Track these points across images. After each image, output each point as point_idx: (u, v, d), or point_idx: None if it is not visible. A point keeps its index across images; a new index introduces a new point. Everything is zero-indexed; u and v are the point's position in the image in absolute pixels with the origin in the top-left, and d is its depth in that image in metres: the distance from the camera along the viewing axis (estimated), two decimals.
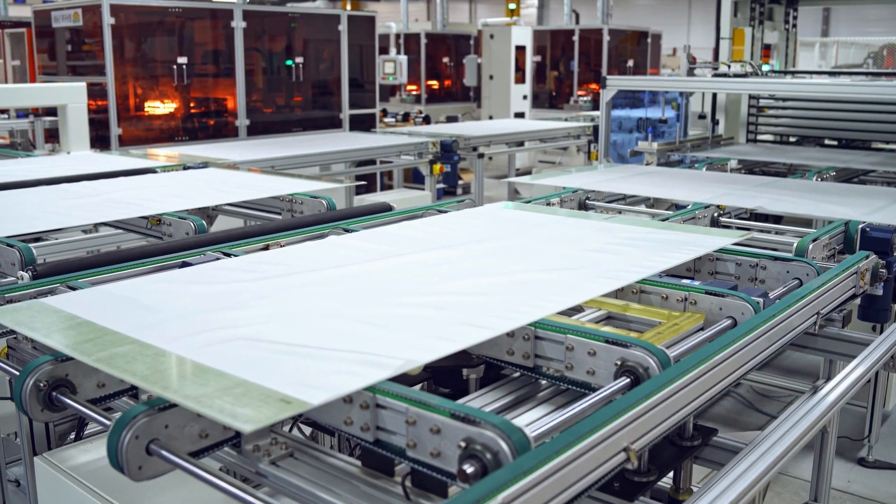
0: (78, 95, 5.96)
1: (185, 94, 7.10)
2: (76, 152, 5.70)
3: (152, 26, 6.86)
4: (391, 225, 2.73)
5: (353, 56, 8.41)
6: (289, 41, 7.92)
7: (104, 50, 6.31)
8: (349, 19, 8.20)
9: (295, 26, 7.94)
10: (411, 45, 14.59)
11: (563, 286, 1.91)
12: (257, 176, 3.95)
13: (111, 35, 6.31)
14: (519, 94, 12.09)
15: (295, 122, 8.08)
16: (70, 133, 5.98)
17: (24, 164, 4.55)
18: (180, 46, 6.99)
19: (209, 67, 7.34)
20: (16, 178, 3.73)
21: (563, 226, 2.62)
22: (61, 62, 7.09)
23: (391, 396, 1.31)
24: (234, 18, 7.14)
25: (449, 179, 6.54)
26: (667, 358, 1.49)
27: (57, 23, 6.73)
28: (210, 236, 2.66)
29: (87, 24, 6.49)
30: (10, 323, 1.69)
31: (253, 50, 7.51)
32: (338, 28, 8.11)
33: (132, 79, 6.72)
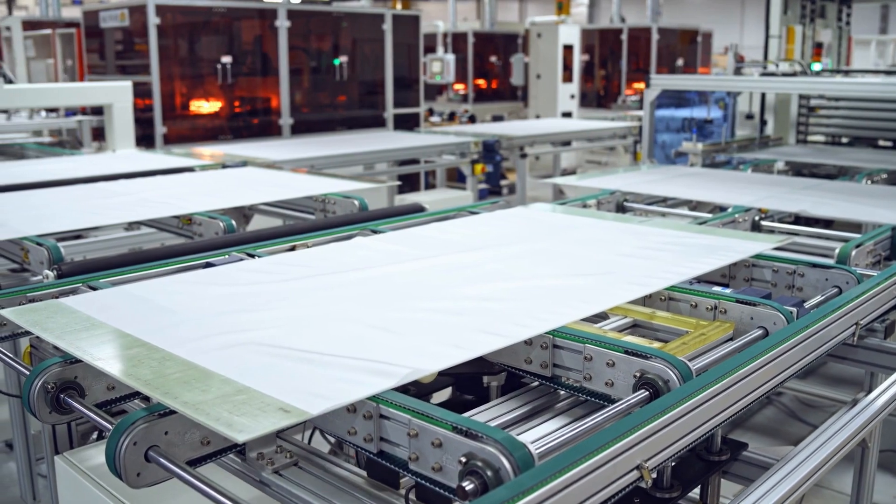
0: (123, 95, 6.04)
1: (230, 93, 7.15)
2: (121, 151, 5.78)
3: (197, 26, 6.92)
4: (420, 226, 2.69)
5: (397, 55, 8.39)
6: (333, 40, 7.93)
7: (149, 50, 6.38)
8: (394, 18, 8.19)
9: (341, 25, 7.95)
10: (459, 44, 14.55)
11: (587, 292, 1.84)
12: (292, 175, 3.94)
13: (156, 35, 6.38)
14: (566, 94, 11.96)
15: (339, 121, 8.09)
16: (115, 132, 6.05)
17: (66, 162, 4.61)
18: (225, 46, 7.04)
19: (253, 66, 7.39)
20: (56, 176, 3.78)
21: (596, 229, 2.55)
22: (109, 62, 7.19)
23: (394, 407, 1.27)
24: (278, 18, 7.17)
25: (491, 179, 6.49)
26: (688, 370, 1.42)
27: (105, 23, 6.83)
28: (236, 237, 2.64)
29: (134, 24, 6.57)
30: (24, 323, 1.68)
31: (297, 49, 7.53)
32: (382, 27, 8.10)
33: (177, 78, 6.79)
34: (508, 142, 6.48)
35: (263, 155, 5.08)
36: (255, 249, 2.36)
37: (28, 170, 4.13)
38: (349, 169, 6.13)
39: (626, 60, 12.35)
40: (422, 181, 9.14)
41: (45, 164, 4.48)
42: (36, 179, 3.66)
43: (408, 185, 9.11)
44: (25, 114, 6.33)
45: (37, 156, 5.44)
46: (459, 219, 2.81)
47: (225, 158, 4.61)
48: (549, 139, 7.28)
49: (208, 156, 4.82)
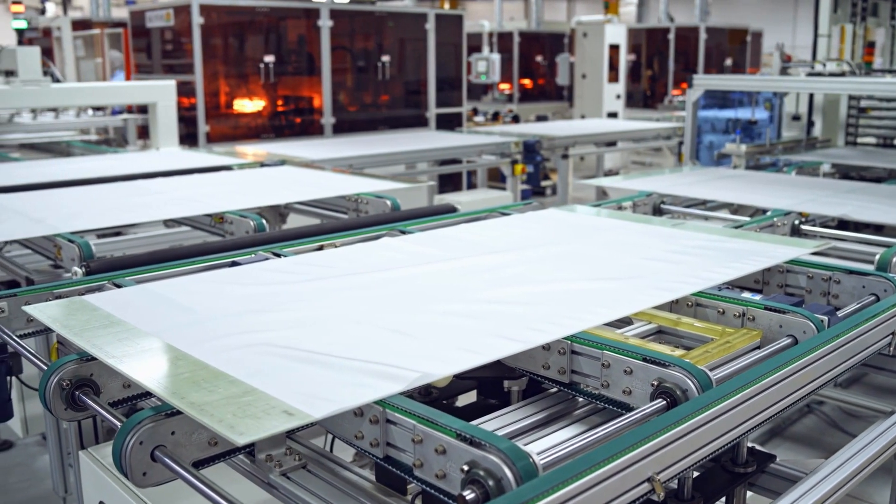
0: (167, 94, 6.11)
1: (272, 92, 7.21)
2: (164, 149, 5.85)
3: (240, 25, 6.98)
4: (449, 227, 2.67)
5: (440, 54, 8.38)
6: (376, 39, 7.95)
7: (193, 49, 6.45)
8: (437, 18, 8.17)
9: (383, 25, 7.97)
10: (505, 43, 14.50)
11: (610, 297, 1.80)
12: (327, 175, 3.95)
13: (200, 34, 6.45)
14: (612, 94, 11.84)
15: (381, 120, 8.10)
16: (159, 130, 6.14)
17: (108, 160, 4.68)
18: (267, 45, 7.10)
19: (296, 66, 7.43)
20: (97, 174, 3.83)
21: (626, 232, 2.50)
22: (156, 61, 7.29)
23: (400, 412, 1.24)
24: (320, 17, 7.20)
25: (532, 180, 6.43)
26: (707, 380, 1.37)
27: (151, 23, 6.93)
28: (264, 236, 2.65)
29: (179, 23, 6.65)
30: (45, 319, 1.70)
31: (340, 48, 7.56)
32: (425, 26, 8.10)
33: (220, 77, 6.86)
34: (550, 142, 6.42)
35: (304, 154, 5.10)
36: (282, 249, 2.36)
37: (70, 168, 4.19)
38: (390, 168, 6.13)
39: (674, 60, 12.18)
40: (464, 181, 9.11)
41: (88, 162, 4.55)
42: (77, 177, 3.72)
43: (450, 185, 9.09)
44: (73, 112, 6.45)
45: (82, 153, 5.54)
46: (490, 220, 2.78)
47: (264, 157, 4.64)
48: (592, 140, 7.20)
49: (250, 154, 4.86)
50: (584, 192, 10.82)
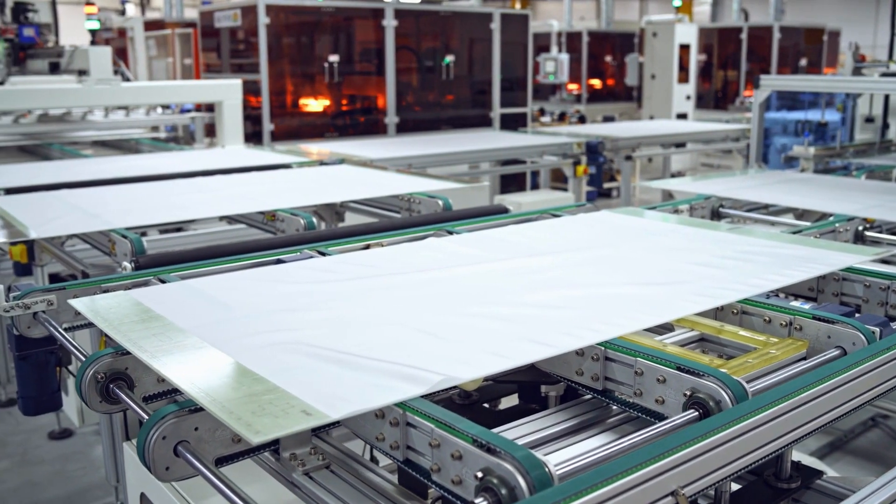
0: (233, 92, 6.22)
1: (336, 91, 7.27)
2: (229, 147, 5.96)
3: (305, 25, 7.07)
4: (496, 228, 2.64)
5: (505, 54, 8.34)
6: (441, 39, 7.96)
7: (259, 48, 6.55)
8: (502, 17, 8.14)
9: (448, 25, 7.97)
10: (574, 43, 14.38)
11: (651, 302, 1.75)
12: (383, 174, 3.96)
13: (266, 34, 6.55)
14: (682, 95, 11.62)
15: (445, 120, 8.11)
16: (225, 128, 6.25)
17: (172, 157, 4.79)
18: (332, 45, 7.17)
19: (360, 65, 7.49)
20: (160, 171, 3.92)
21: (678, 236, 2.44)
22: (224, 60, 7.43)
23: (419, 415, 1.23)
24: (385, 17, 7.24)
25: (594, 181, 6.35)
26: (742, 391, 1.32)
27: (219, 23, 7.06)
28: (312, 234, 2.66)
29: (245, 23, 6.76)
30: (87, 312, 1.73)
31: (404, 48, 7.59)
32: (490, 26, 8.07)
33: (285, 76, 6.95)
34: (613, 143, 6.33)
35: (366, 153, 5.14)
36: (328, 248, 2.36)
37: (134, 164, 4.30)
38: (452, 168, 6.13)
39: (746, 60, 11.89)
40: (527, 182, 9.06)
41: (152, 159, 4.66)
42: (139, 174, 3.80)
43: (514, 185, 9.06)
44: (143, 110, 6.61)
45: (149, 151, 5.68)
46: (539, 222, 2.75)
47: (325, 156, 4.68)
48: (658, 141, 7.07)
49: (314, 153, 4.90)
50: (651, 194, 10.64)
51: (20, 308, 1.93)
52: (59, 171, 4.05)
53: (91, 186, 3.46)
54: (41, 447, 3.81)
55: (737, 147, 7.60)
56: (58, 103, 5.47)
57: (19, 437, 3.87)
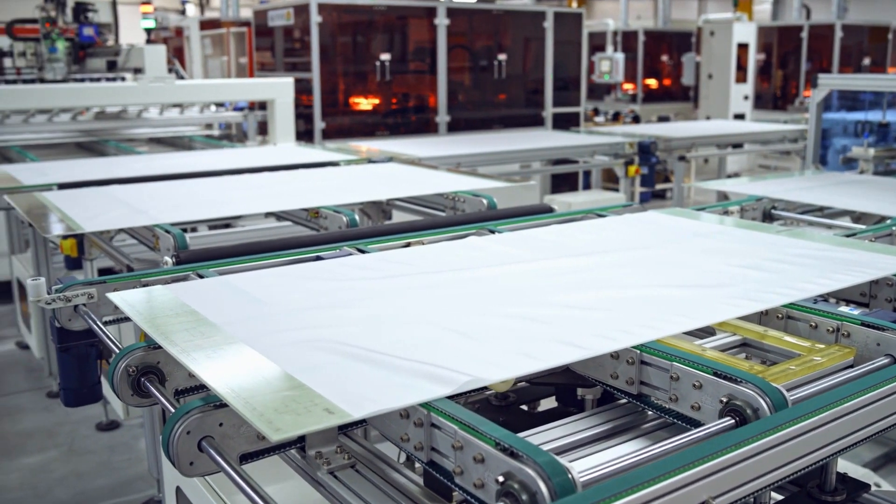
0: (285, 91, 6.28)
1: (388, 89, 7.29)
2: (280, 145, 6.01)
3: (357, 24, 7.09)
4: (539, 228, 2.60)
5: (558, 53, 8.27)
6: (493, 38, 7.92)
7: (311, 47, 6.59)
8: (556, 16, 8.07)
9: (501, 23, 7.93)
10: (629, 42, 14.21)
11: (692, 305, 1.70)
12: (430, 172, 3.95)
13: (318, 33, 6.58)
14: (739, 95, 11.39)
15: (496, 119, 8.07)
16: (277, 126, 6.31)
17: (222, 154, 4.84)
18: (384, 43, 7.18)
19: (412, 64, 7.49)
20: (209, 167, 3.96)
21: (725, 237, 2.37)
22: (278, 59, 7.50)
23: (444, 416, 1.20)
24: (437, 15, 7.23)
25: (646, 182, 6.26)
26: (782, 399, 1.27)
27: (272, 22, 7.13)
28: (353, 231, 2.66)
29: (298, 22, 6.81)
30: (123, 305, 1.74)
31: (456, 47, 7.57)
32: (543, 25, 8.01)
33: (337, 75, 6.99)
34: (666, 143, 6.22)
35: (415, 151, 5.13)
36: (367, 245, 2.35)
37: (184, 161, 4.36)
38: (503, 167, 6.10)
39: (807, 60, 11.61)
40: (579, 181, 8.98)
41: (203, 156, 4.72)
42: (188, 170, 3.85)
43: (567, 185, 8.98)
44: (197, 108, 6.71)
45: (202, 148, 5.75)
46: (583, 222, 2.70)
47: (373, 154, 4.69)
48: (713, 142, 6.93)
49: (364, 151, 4.91)
50: (707, 196, 10.45)
51: (61, 301, 1.96)
52: (111, 167, 4.12)
53: (141, 182, 3.51)
54: (88, 438, 3.88)
55: (795, 148, 7.41)
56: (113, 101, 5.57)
57: (68, 428, 3.95)
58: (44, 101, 5.33)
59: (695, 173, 10.68)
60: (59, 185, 3.51)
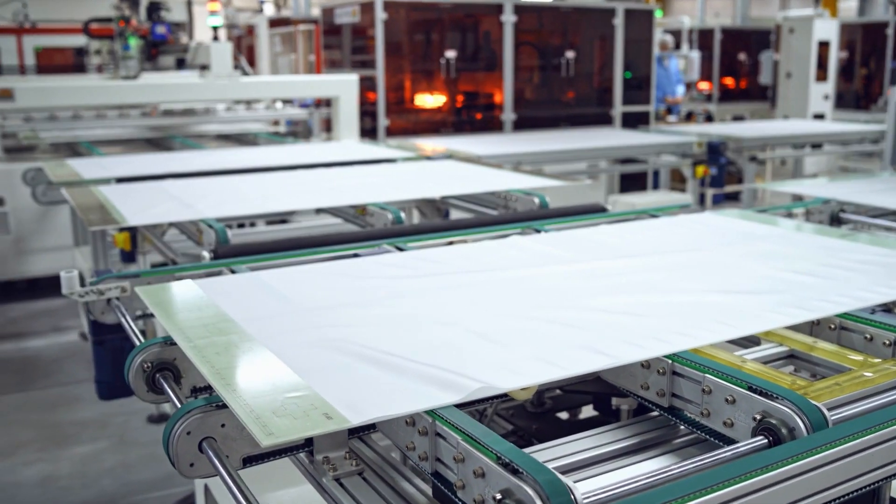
0: (349, 88, 6.29)
1: (453, 87, 7.23)
2: (342, 142, 6.02)
3: (423, 21, 7.05)
4: (586, 228, 2.51)
5: (628, 51, 8.09)
6: (561, 35, 7.79)
7: (375, 44, 6.58)
8: (626, 13, 7.89)
9: (569, 20, 7.79)
10: (706, 40, 13.84)
11: (736, 313, 1.59)
12: (486, 170, 3.88)
13: (383, 30, 6.57)
14: (819, 94, 10.96)
15: (564, 118, 7.94)
16: (341, 123, 6.33)
17: (282, 150, 4.85)
18: (449, 40, 7.13)
19: (477, 61, 7.42)
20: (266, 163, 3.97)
21: (783, 241, 2.24)
22: (345, 57, 7.52)
23: (448, 426, 1.13)
24: (504, 12, 7.14)
25: (714, 183, 6.05)
26: (821, 419, 1.16)
27: (339, 19, 7.15)
28: (395, 229, 2.61)
29: (364, 20, 6.81)
30: (147, 300, 1.72)
31: (523, 44, 7.47)
32: (613, 22, 7.84)
33: (401, 72, 6.96)
34: (737, 143, 6.01)
35: (478, 149, 5.07)
36: (407, 243, 2.30)
37: (243, 157, 4.38)
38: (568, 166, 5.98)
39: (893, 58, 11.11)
40: (648, 181, 8.77)
41: (263, 152, 4.74)
42: (246, 166, 3.86)
43: (636, 184, 8.79)
44: (263, 105, 6.77)
45: (264, 144, 5.79)
46: (635, 222, 2.60)
47: (434, 151, 4.64)
48: (787, 142, 6.68)
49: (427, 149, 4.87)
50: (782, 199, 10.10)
51: (94, 294, 1.95)
52: (169, 162, 4.17)
53: (194, 178, 3.53)
54: (139, 430, 3.93)
55: (876, 150, 7.09)
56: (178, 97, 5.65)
57: (120, 419, 4.01)
58: (112, 97, 5.43)
59: (771, 175, 10.34)
60: (117, 179, 3.56)
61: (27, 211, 5.37)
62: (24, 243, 5.49)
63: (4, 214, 5.39)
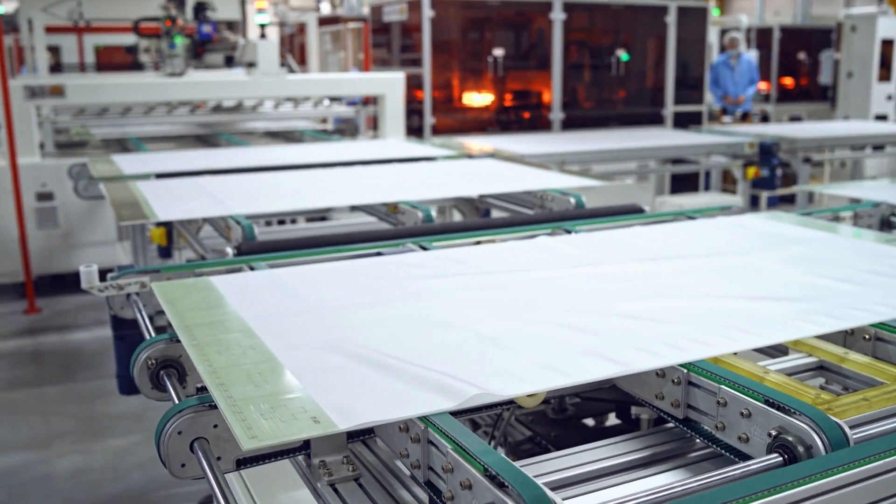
0: (395, 86, 6.26)
1: (500, 85, 7.16)
2: (387, 140, 6.00)
3: (471, 19, 7.00)
4: (619, 230, 2.43)
5: (681, 49, 7.92)
6: (611, 34, 7.66)
7: (422, 42, 6.55)
8: (678, 11, 7.73)
9: (620, 18, 7.67)
10: (764, 39, 13.53)
11: (761, 320, 1.51)
12: (526, 169, 3.81)
13: (430, 28, 6.53)
14: (882, 94, 10.62)
15: (614, 117, 7.81)
16: (387, 121, 6.31)
17: (325, 147, 4.84)
18: (497, 39, 7.06)
19: (526, 60, 7.34)
20: (306, 160, 3.96)
21: (825, 245, 2.13)
22: (394, 55, 7.51)
23: (440, 433, 1.08)
24: (553, 10, 7.05)
25: (765, 184, 5.88)
26: (841, 437, 1.08)
27: (387, 17, 7.14)
28: (422, 227, 2.56)
29: (411, 18, 6.78)
30: (160, 296, 1.71)
31: (572, 43, 7.37)
32: (665, 20, 7.69)
33: (448, 70, 6.92)
34: (791, 144, 5.83)
35: (524, 149, 5.01)
36: (431, 242, 2.25)
37: (285, 154, 4.38)
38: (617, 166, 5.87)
39: None
40: (700, 183, 8.58)
41: (305, 150, 4.74)
42: (286, 163, 3.86)
43: (688, 185, 8.61)
44: (311, 103, 6.78)
45: (309, 141, 5.80)
46: (670, 224, 2.51)
47: (476, 150, 4.59)
48: (845, 143, 6.46)
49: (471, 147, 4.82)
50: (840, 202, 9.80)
51: (114, 289, 1.95)
52: (211, 158, 4.19)
53: (232, 174, 3.53)
54: None
55: None
56: (224, 94, 5.69)
57: (154, 413, 4.02)
58: (158, 94, 5.50)
59: (829, 177, 10.04)
60: (156, 174, 3.58)
61: (75, 206, 5.47)
62: (72, 237, 5.58)
63: (53, 209, 5.49)
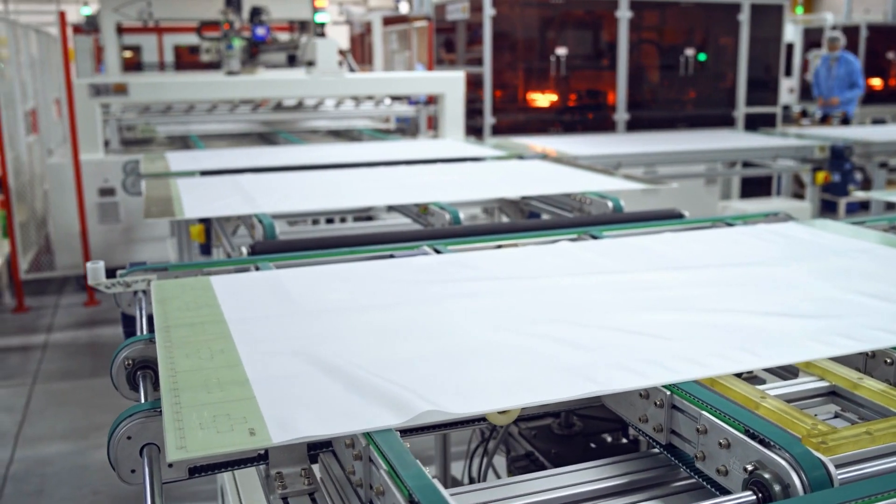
0: (455, 85, 6.20)
1: (563, 85, 7.04)
2: (445, 139, 5.95)
3: (533, 17, 6.89)
4: (648, 236, 2.32)
5: (754, 48, 7.65)
6: (680, 32, 7.45)
7: (483, 41, 6.47)
8: (752, 8, 7.47)
9: (689, 16, 7.45)
10: (851, 38, 13.00)
11: (769, 339, 1.40)
12: (574, 171, 3.71)
13: (491, 26, 6.45)
14: None
15: (681, 118, 7.59)
16: (446, 121, 6.26)
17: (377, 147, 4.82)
18: (561, 37, 6.93)
19: (590, 59, 7.19)
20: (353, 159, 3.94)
21: (865, 257, 1.99)
22: (458, 54, 7.46)
23: (378, 452, 1.02)
24: (619, 8, 6.88)
25: (836, 190, 5.61)
26: (823, 477, 0.97)
27: (451, 16, 7.09)
28: (443, 230, 2.50)
29: (474, 16, 6.72)
30: (154, 296, 1.69)
31: (639, 42, 7.19)
32: (738, 18, 7.43)
33: (510, 69, 6.83)
34: (865, 148, 5.56)
35: (585, 150, 4.92)
36: (446, 245, 2.19)
37: (332, 153, 4.37)
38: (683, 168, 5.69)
39: None
40: (773, 187, 8.29)
41: (357, 149, 4.73)
42: (330, 161, 3.85)
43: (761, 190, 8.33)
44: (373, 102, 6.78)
45: (366, 140, 5.79)
46: (705, 231, 2.39)
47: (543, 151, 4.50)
48: None
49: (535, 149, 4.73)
50: None
51: (121, 286, 1.94)
52: (259, 156, 4.21)
53: (274, 172, 3.53)
54: None
55: None
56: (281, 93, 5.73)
57: None
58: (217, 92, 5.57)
59: None
60: (201, 172, 3.60)
61: (136, 201, 5.58)
62: (132, 232, 5.71)
63: (115, 204, 5.62)
